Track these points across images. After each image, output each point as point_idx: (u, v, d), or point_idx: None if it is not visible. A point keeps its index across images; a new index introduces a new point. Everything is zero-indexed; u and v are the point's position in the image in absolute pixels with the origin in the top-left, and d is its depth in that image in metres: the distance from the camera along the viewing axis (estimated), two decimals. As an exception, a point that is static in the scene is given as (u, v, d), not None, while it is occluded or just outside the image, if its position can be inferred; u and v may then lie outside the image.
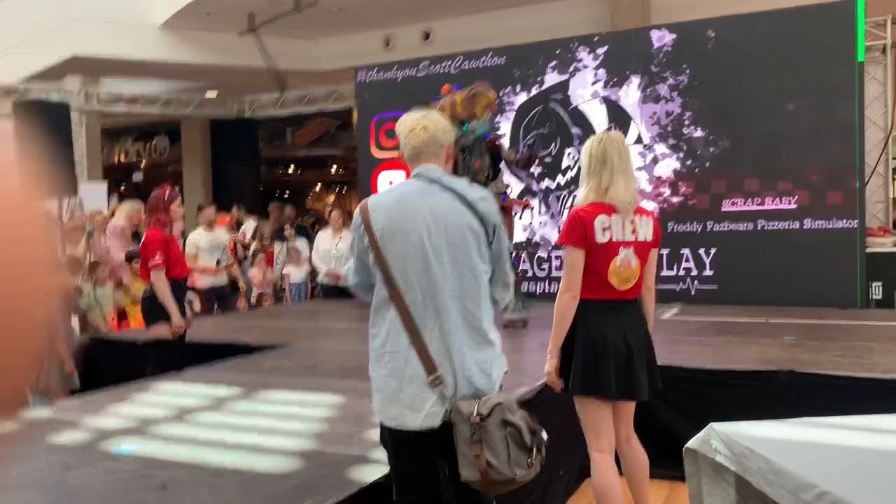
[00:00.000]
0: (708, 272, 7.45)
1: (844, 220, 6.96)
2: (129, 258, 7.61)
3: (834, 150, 6.99)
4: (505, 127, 8.23)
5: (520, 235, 7.96)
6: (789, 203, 7.17)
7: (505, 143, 6.65)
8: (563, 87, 8.07)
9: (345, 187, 25.51)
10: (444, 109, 5.76)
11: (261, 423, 3.55)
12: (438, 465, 2.38)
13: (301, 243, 9.84)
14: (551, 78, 8.14)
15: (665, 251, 7.32)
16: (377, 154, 9.03)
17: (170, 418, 3.66)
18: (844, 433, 2.20)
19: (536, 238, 8.18)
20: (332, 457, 2.97)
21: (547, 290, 7.86)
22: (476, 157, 5.60)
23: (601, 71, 7.95)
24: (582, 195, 3.06)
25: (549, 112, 8.03)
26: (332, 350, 5.61)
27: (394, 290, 2.28)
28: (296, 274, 9.45)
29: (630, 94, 7.83)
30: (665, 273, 7.35)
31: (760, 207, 7.29)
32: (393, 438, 2.35)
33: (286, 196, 22.65)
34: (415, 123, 2.41)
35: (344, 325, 6.81)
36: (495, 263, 2.41)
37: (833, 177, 7.00)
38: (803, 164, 7.08)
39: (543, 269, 8.12)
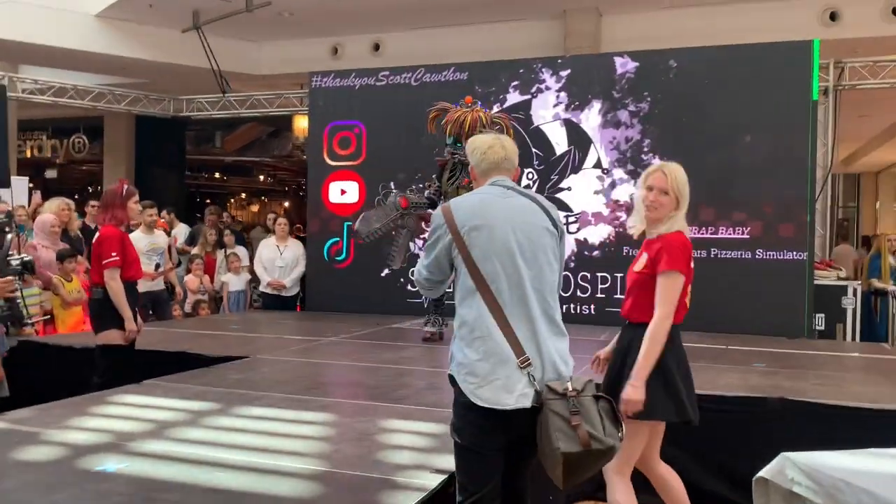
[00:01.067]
0: (661, 298, 7.50)
1: (795, 252, 7.15)
2: (62, 257, 7.06)
3: (787, 183, 7.18)
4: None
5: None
6: (742, 233, 7.33)
7: None
8: (524, 106, 8.04)
9: (267, 196, 24.84)
10: (450, 120, 5.72)
11: (253, 440, 3.25)
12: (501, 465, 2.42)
13: (239, 250, 9.44)
14: (513, 97, 8.09)
15: (620, 275, 7.34)
16: (329, 162, 8.73)
17: (147, 433, 3.32)
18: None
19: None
20: (350, 479, 2.74)
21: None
22: (465, 175, 5.62)
23: (563, 94, 7.96)
24: (680, 222, 3.10)
25: (510, 131, 7.96)
26: (301, 363, 5.30)
27: (480, 281, 2.40)
28: (235, 282, 9.01)
29: (591, 118, 7.86)
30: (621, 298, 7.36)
31: (714, 236, 7.42)
32: (480, 418, 2.35)
33: (207, 202, 21.84)
34: (493, 142, 2.65)
35: (297, 336, 6.49)
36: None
37: (785, 209, 7.19)
38: (758, 195, 7.25)
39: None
